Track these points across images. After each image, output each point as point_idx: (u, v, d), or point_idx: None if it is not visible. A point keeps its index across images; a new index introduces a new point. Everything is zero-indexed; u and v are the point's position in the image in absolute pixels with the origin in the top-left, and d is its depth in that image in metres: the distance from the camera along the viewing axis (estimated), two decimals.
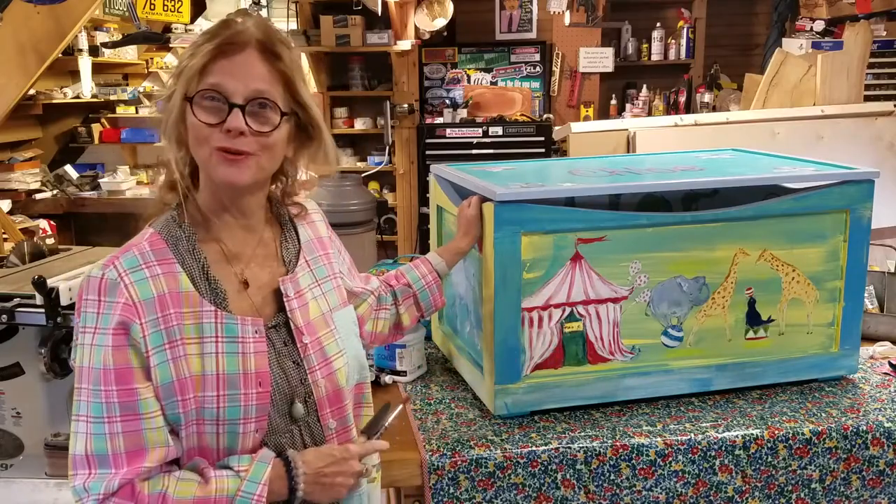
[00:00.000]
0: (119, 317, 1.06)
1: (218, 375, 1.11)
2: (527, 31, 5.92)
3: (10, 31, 3.98)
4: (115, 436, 1.06)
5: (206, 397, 1.10)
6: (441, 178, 1.93)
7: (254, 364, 1.13)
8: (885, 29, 4.51)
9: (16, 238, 3.73)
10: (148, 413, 1.07)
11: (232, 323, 1.13)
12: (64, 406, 2.65)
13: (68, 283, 2.41)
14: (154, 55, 6.60)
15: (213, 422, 1.11)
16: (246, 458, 1.12)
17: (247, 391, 1.12)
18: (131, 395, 1.06)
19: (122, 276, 1.08)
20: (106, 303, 1.07)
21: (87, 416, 1.07)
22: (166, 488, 1.07)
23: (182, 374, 1.09)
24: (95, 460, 1.06)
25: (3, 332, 2.54)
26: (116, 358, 1.06)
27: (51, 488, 2.49)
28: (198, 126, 1.11)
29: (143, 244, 1.13)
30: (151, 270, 1.10)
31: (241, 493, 1.08)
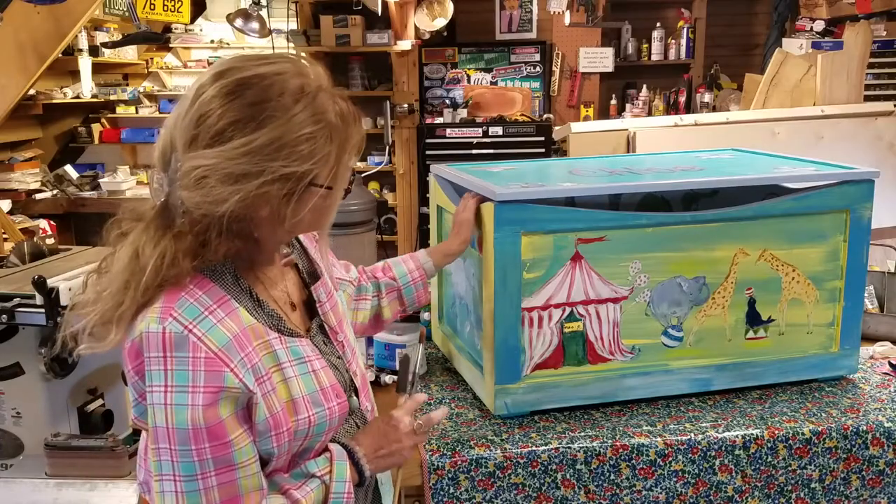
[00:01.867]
0: (206, 372, 1.00)
1: (304, 397, 1.11)
2: (527, 31, 5.92)
3: (10, 31, 3.98)
4: (209, 490, 1.02)
5: (300, 420, 1.10)
6: (441, 178, 1.93)
7: (326, 379, 1.15)
8: (885, 29, 4.51)
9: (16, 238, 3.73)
10: (243, 462, 1.04)
11: (295, 345, 1.13)
12: (64, 406, 2.65)
13: (68, 283, 2.41)
14: (154, 55, 6.60)
15: (303, 438, 1.12)
16: (323, 461, 1.14)
17: (330, 405, 1.14)
18: (226, 448, 1.02)
19: (190, 327, 1.01)
20: (177, 358, 1.00)
21: (174, 476, 1.02)
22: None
23: (275, 409, 1.07)
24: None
25: (3, 332, 2.54)
26: (207, 415, 1.00)
27: (51, 488, 2.49)
28: (332, 208, 1.12)
29: (192, 290, 1.04)
30: (216, 315, 1.04)
31: (333, 495, 1.12)
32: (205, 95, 1.02)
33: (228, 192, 0.99)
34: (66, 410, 2.63)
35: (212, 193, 0.99)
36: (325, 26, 5.31)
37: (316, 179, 1.05)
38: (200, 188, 1.00)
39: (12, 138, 5.52)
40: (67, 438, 2.54)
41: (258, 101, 1.01)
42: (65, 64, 5.65)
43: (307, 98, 1.04)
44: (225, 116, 1.00)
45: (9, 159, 5.50)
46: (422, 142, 5.50)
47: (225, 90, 1.02)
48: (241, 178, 1.00)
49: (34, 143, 5.85)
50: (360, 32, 5.31)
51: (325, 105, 1.05)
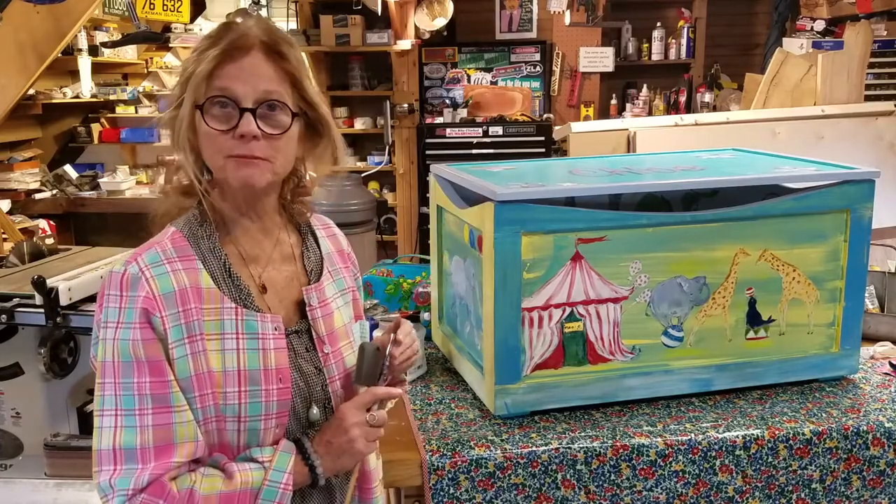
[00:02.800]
0: (141, 309, 1.06)
1: (239, 372, 1.11)
2: (527, 31, 5.92)
3: (9, 31, 3.98)
4: (145, 429, 1.04)
5: (228, 393, 1.10)
6: (441, 178, 1.93)
7: (274, 360, 1.14)
8: (886, 29, 4.51)
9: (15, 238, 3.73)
10: (179, 406, 1.06)
11: (252, 320, 1.14)
12: (64, 406, 2.65)
13: (68, 283, 2.41)
14: (154, 55, 6.60)
15: (235, 418, 1.11)
16: (269, 450, 1.12)
17: (268, 387, 1.12)
18: (164, 387, 1.06)
19: (144, 270, 1.08)
20: (128, 297, 1.06)
21: (115, 410, 1.05)
22: (193, 484, 1.05)
23: (200, 370, 1.09)
24: (123, 455, 1.04)
25: (2, 332, 2.54)
26: (147, 350, 1.05)
27: (50, 488, 2.49)
28: (210, 134, 1.10)
29: (164, 242, 1.13)
30: (172, 266, 1.10)
31: (268, 482, 1.09)
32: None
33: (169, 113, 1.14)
34: (66, 410, 2.63)
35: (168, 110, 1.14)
36: (325, 26, 5.31)
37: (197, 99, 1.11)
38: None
39: (12, 138, 5.51)
40: (67, 438, 2.54)
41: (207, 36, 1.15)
42: (64, 64, 5.64)
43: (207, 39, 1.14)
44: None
45: (8, 159, 5.50)
46: (422, 142, 5.50)
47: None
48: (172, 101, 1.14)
49: (34, 143, 5.84)
50: (360, 32, 5.31)
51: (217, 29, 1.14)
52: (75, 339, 2.62)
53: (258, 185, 1.13)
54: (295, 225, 1.29)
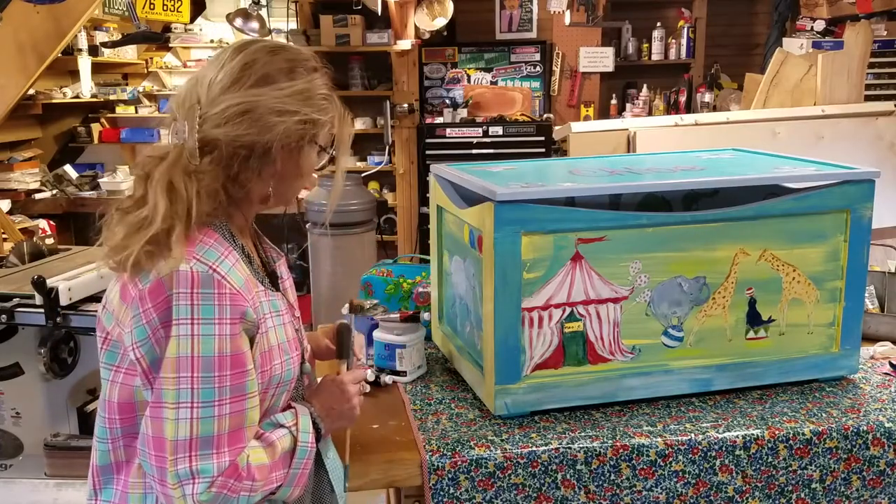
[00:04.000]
0: (231, 306, 1.13)
1: (279, 345, 1.24)
2: (527, 31, 5.92)
3: (9, 31, 3.98)
4: (223, 418, 1.12)
5: (275, 365, 1.23)
6: (441, 178, 1.93)
7: (291, 332, 1.29)
8: (886, 29, 4.51)
9: (15, 238, 3.73)
10: (252, 392, 1.17)
11: (275, 299, 1.27)
12: (63, 406, 2.65)
13: (68, 283, 2.41)
14: (154, 55, 6.60)
15: (277, 385, 1.24)
16: (290, 415, 1.26)
17: (292, 354, 1.27)
18: (243, 376, 1.15)
19: (214, 267, 1.14)
20: (203, 294, 1.12)
21: (193, 403, 1.11)
22: (248, 457, 1.16)
23: (264, 349, 1.21)
24: (199, 443, 1.11)
25: (2, 332, 2.54)
26: (234, 345, 1.13)
27: (50, 488, 2.49)
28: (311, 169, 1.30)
29: (205, 239, 1.18)
30: (230, 260, 1.18)
31: (300, 443, 1.24)
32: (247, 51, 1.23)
33: (275, 121, 1.19)
34: (66, 411, 2.63)
35: (257, 124, 1.18)
36: (325, 26, 5.31)
37: (318, 136, 1.27)
38: (242, 121, 1.17)
39: (12, 138, 5.51)
40: (67, 439, 2.54)
41: (293, 59, 1.25)
42: (64, 64, 5.65)
43: (321, 71, 1.29)
44: (270, 65, 1.22)
45: (8, 159, 5.50)
46: (422, 142, 5.49)
47: (268, 48, 1.25)
48: (285, 112, 1.20)
49: (34, 143, 5.84)
50: (360, 32, 5.31)
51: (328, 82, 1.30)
52: (75, 339, 2.62)
53: None
54: None
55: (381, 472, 1.52)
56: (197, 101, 1.19)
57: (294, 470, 1.23)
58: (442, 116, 5.63)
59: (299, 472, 1.24)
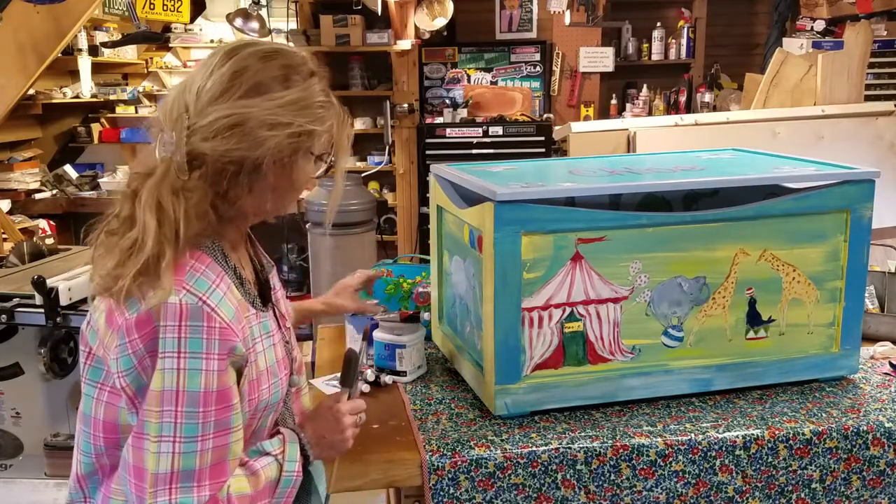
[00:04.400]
0: (220, 341, 1.08)
1: (268, 369, 1.21)
2: (527, 31, 5.92)
3: (9, 31, 3.99)
4: (205, 452, 1.09)
5: (263, 390, 1.20)
6: (441, 178, 1.93)
7: (281, 352, 1.26)
8: (886, 29, 4.51)
9: (15, 238, 3.73)
10: (237, 426, 1.13)
11: (266, 320, 1.24)
12: (63, 406, 2.65)
13: (68, 283, 2.41)
14: (154, 55, 6.60)
15: (265, 409, 1.21)
16: (276, 442, 1.23)
17: (281, 375, 1.25)
18: (227, 412, 1.11)
19: (204, 299, 1.08)
20: (191, 327, 1.07)
21: (174, 437, 1.07)
22: (229, 488, 1.12)
23: (252, 378, 1.17)
24: (180, 476, 1.08)
25: (2, 332, 2.54)
26: (219, 380, 1.09)
27: (50, 488, 2.49)
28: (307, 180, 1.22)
29: (196, 265, 1.12)
30: (221, 289, 1.13)
31: (285, 473, 1.21)
32: (238, 57, 1.14)
33: (266, 136, 1.10)
34: (66, 410, 2.63)
35: (247, 138, 1.10)
36: (325, 26, 5.31)
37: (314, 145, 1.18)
38: (232, 135, 1.09)
39: (12, 138, 5.52)
40: (67, 438, 2.54)
41: (288, 64, 1.16)
42: (64, 64, 5.65)
43: (319, 75, 1.20)
44: (263, 73, 1.13)
45: (8, 159, 5.50)
46: (422, 142, 5.49)
47: (261, 53, 1.15)
48: (277, 125, 1.11)
49: (33, 143, 5.84)
50: (360, 32, 5.30)
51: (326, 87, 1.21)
52: (75, 339, 2.62)
53: None
54: None
55: (381, 472, 1.52)
56: (185, 109, 1.11)
57: (278, 499, 1.20)
58: (442, 116, 5.63)
59: (283, 500, 1.21)
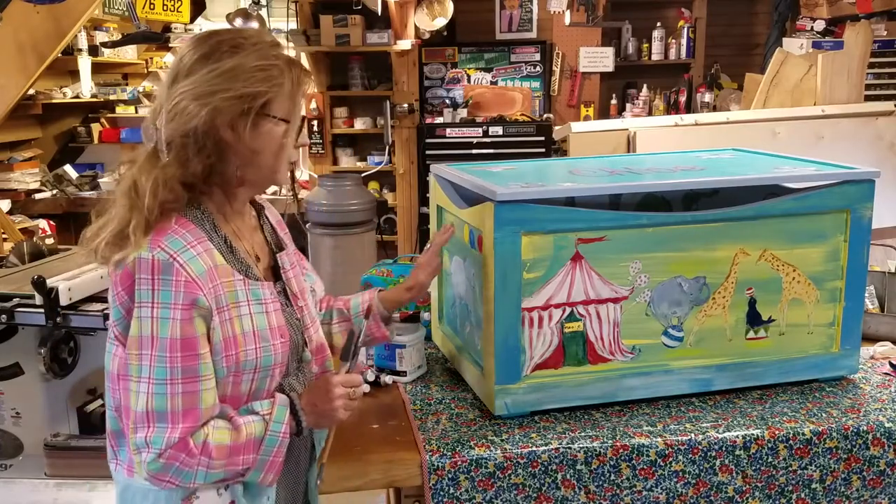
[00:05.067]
0: (185, 292, 1.21)
1: (254, 332, 1.30)
2: (527, 31, 5.92)
3: (9, 31, 3.98)
4: (175, 396, 1.21)
5: (248, 350, 1.28)
6: (441, 178, 1.93)
7: (276, 320, 1.34)
8: (886, 29, 4.51)
9: (15, 238, 3.73)
10: (205, 375, 1.24)
11: (256, 288, 1.33)
12: (63, 406, 2.65)
13: (68, 283, 2.40)
14: (154, 55, 6.60)
15: (252, 370, 1.30)
16: (266, 403, 1.31)
17: (274, 342, 1.32)
18: (194, 360, 1.22)
19: (174, 256, 1.22)
20: (164, 280, 1.21)
21: (149, 379, 1.21)
22: (207, 436, 1.23)
23: (227, 335, 1.27)
24: (156, 416, 1.21)
25: (2, 332, 2.54)
26: (185, 329, 1.21)
27: (50, 488, 2.49)
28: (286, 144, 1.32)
29: (176, 228, 1.26)
30: (196, 249, 1.25)
31: (270, 432, 1.29)
32: (185, 44, 1.31)
33: (197, 106, 1.23)
34: (66, 410, 2.63)
35: (184, 113, 1.23)
36: (325, 26, 5.31)
37: (270, 108, 1.28)
38: (177, 115, 1.23)
39: (12, 138, 5.51)
40: (67, 439, 2.54)
41: (222, 40, 1.28)
42: (64, 64, 5.65)
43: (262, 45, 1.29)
44: (195, 54, 1.27)
45: (8, 159, 5.50)
46: (422, 142, 5.49)
47: (196, 39, 1.30)
48: (208, 94, 1.23)
49: (34, 143, 5.84)
50: (360, 32, 5.30)
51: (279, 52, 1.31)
52: (75, 339, 2.62)
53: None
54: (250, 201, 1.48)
55: (381, 472, 1.52)
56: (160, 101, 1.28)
57: (263, 456, 1.29)
58: (442, 116, 5.63)
59: (269, 458, 1.29)
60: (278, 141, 1.31)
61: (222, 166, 1.30)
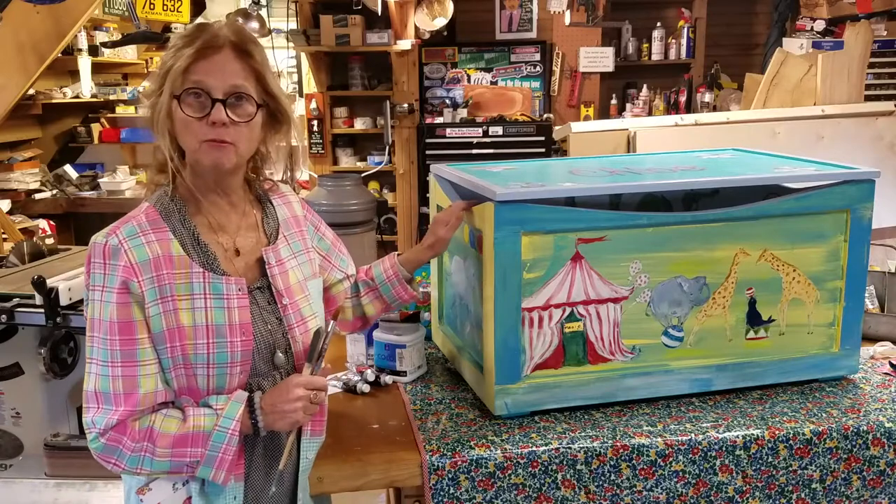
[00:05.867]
0: (121, 277, 1.25)
1: (207, 326, 1.29)
2: (527, 31, 5.92)
3: (9, 31, 3.98)
4: (116, 378, 1.25)
5: (198, 344, 1.29)
6: (441, 178, 1.93)
7: (238, 317, 1.32)
8: (886, 28, 4.51)
9: (15, 238, 3.73)
10: (144, 360, 1.26)
11: (218, 283, 1.32)
12: (63, 406, 2.65)
13: (68, 283, 2.41)
14: (153, 55, 6.59)
15: (204, 365, 1.30)
16: (223, 398, 1.30)
17: (233, 339, 1.31)
18: (131, 344, 1.26)
19: (122, 242, 1.27)
20: (110, 265, 1.26)
21: (96, 360, 1.26)
22: (153, 423, 1.26)
23: (171, 325, 1.28)
24: (101, 397, 1.25)
25: (2, 332, 2.54)
26: (120, 313, 1.25)
27: (50, 488, 2.49)
28: (186, 120, 1.28)
29: (139, 216, 1.31)
30: (147, 237, 1.29)
31: (218, 427, 1.28)
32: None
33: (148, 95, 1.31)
34: (66, 410, 2.63)
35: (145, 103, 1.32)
36: (325, 26, 5.31)
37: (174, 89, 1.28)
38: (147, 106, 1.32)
39: (12, 138, 5.51)
40: (67, 439, 2.54)
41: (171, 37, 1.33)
42: (64, 64, 5.64)
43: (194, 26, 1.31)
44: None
45: (8, 159, 5.49)
46: (422, 142, 5.50)
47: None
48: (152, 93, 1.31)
49: (33, 143, 5.84)
50: (360, 32, 5.30)
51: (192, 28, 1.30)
52: (75, 339, 2.62)
53: (226, 166, 1.32)
54: (258, 198, 1.48)
55: (381, 472, 1.52)
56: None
57: (211, 452, 1.28)
58: (442, 116, 5.63)
59: (218, 455, 1.28)
60: (180, 119, 1.29)
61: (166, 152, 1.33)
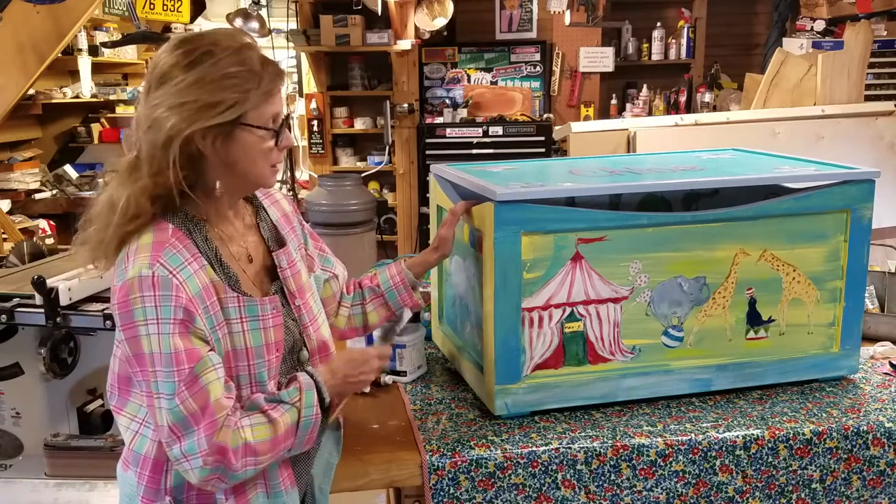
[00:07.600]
0: (179, 307, 1.21)
1: (247, 349, 1.30)
2: (527, 31, 5.92)
3: (9, 31, 3.98)
4: (186, 401, 1.21)
5: (240, 366, 1.30)
6: (441, 178, 1.93)
7: (273, 336, 1.34)
8: (886, 28, 4.51)
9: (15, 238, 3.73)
10: (205, 369, 1.23)
11: (253, 305, 1.32)
12: (63, 406, 2.65)
13: (68, 283, 2.40)
14: (153, 55, 6.59)
15: (248, 385, 1.32)
16: (294, 391, 1.31)
17: (269, 357, 1.33)
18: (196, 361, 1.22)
19: (173, 273, 1.22)
20: (161, 296, 1.21)
21: (164, 395, 1.22)
22: (245, 439, 1.24)
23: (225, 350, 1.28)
24: (180, 427, 1.21)
25: (2, 332, 2.53)
26: (184, 342, 1.21)
27: (50, 488, 2.49)
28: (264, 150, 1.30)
29: (175, 242, 1.26)
30: (192, 267, 1.25)
31: (304, 418, 1.30)
32: (158, 53, 1.29)
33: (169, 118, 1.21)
34: (66, 410, 2.63)
35: (157, 125, 1.22)
36: (325, 26, 5.31)
37: (243, 116, 1.25)
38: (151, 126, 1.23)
39: (12, 138, 5.51)
40: (67, 439, 2.54)
41: (194, 48, 1.25)
42: (64, 64, 5.64)
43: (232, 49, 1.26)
44: (168, 62, 1.25)
45: (8, 159, 5.49)
46: (422, 142, 5.50)
47: (171, 45, 1.28)
48: (178, 106, 1.22)
49: (33, 143, 5.84)
50: (360, 32, 5.30)
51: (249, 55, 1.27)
52: (75, 339, 2.62)
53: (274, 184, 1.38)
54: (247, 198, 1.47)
55: (381, 472, 1.52)
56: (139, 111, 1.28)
57: (300, 439, 1.31)
58: (442, 116, 5.63)
59: (306, 437, 1.32)
60: (256, 148, 1.28)
61: (198, 177, 1.28)
